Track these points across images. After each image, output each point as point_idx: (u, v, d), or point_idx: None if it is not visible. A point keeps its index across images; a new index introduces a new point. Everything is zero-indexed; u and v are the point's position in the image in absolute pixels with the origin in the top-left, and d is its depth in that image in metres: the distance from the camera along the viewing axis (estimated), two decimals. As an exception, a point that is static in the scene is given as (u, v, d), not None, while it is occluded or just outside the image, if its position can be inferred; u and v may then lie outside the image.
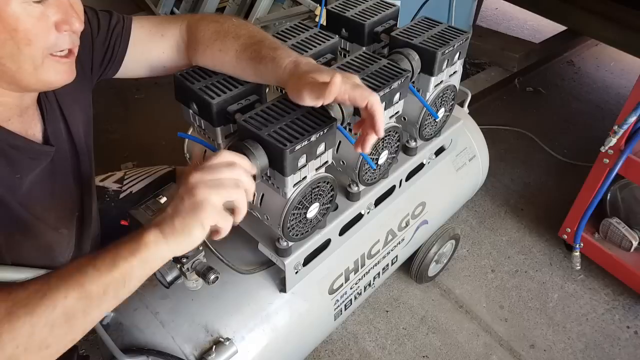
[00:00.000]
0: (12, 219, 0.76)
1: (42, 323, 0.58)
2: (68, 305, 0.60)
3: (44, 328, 0.59)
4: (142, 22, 0.93)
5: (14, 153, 0.75)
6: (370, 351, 1.55)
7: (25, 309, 0.58)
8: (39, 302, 0.59)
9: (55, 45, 0.70)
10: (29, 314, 0.58)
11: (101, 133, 2.30)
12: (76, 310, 0.60)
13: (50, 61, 0.70)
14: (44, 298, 0.59)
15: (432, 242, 1.53)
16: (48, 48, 0.69)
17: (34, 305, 0.58)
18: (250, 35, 0.86)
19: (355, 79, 0.75)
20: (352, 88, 0.72)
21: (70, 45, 0.72)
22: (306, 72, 0.75)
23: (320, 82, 0.72)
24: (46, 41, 0.68)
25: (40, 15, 0.66)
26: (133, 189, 1.20)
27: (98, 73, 0.92)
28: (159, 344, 0.93)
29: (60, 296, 0.59)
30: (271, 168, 0.79)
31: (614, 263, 1.65)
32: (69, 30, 0.69)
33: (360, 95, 0.71)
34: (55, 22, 0.68)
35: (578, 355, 1.55)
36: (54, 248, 0.86)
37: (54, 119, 0.84)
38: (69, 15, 0.69)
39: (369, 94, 0.72)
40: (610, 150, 1.48)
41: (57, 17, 0.68)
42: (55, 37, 0.69)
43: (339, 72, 0.72)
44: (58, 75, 0.73)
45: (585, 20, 2.50)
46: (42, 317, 0.58)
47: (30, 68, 0.69)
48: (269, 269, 1.03)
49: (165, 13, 2.79)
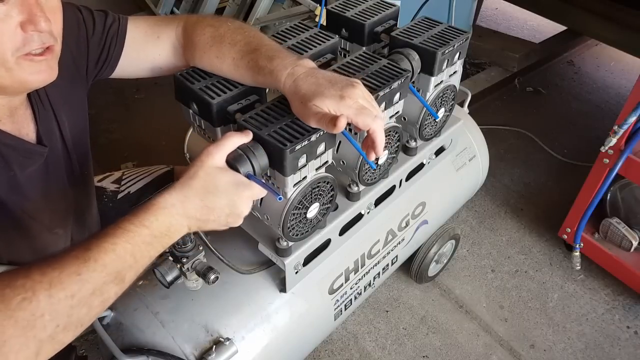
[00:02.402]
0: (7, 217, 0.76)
1: (79, 302, 0.59)
2: (104, 288, 0.61)
3: (83, 308, 0.59)
4: (137, 23, 0.92)
5: (7, 151, 0.75)
6: (370, 351, 1.55)
7: (64, 291, 0.58)
8: (76, 280, 0.59)
9: (25, 46, 0.67)
10: (69, 296, 0.58)
11: (101, 133, 2.30)
12: (108, 289, 0.62)
13: (24, 61, 0.68)
14: (80, 278, 0.59)
15: (432, 242, 1.52)
16: (17, 49, 0.67)
17: (70, 285, 0.59)
18: (246, 42, 0.85)
19: (359, 98, 0.74)
20: (355, 113, 0.72)
21: (40, 44, 0.69)
22: (308, 97, 0.74)
23: (327, 118, 0.72)
24: (13, 42, 0.66)
25: (4, 16, 0.64)
26: (131, 189, 1.20)
27: (93, 73, 0.92)
28: (159, 344, 0.93)
29: (97, 277, 0.60)
30: (271, 168, 0.79)
31: (614, 263, 1.65)
32: (35, 30, 0.67)
33: (362, 123, 0.73)
34: (20, 22, 0.66)
35: (578, 355, 1.55)
36: (49, 249, 0.86)
37: (47, 119, 0.84)
38: (33, 14, 0.66)
39: (372, 122, 0.73)
40: (610, 150, 1.48)
41: (21, 17, 0.65)
42: (23, 37, 0.66)
43: (342, 94, 0.73)
44: (35, 75, 0.71)
45: (585, 20, 2.50)
46: (81, 298, 0.59)
47: (1, 71, 0.67)
48: (269, 269, 1.03)
49: (165, 13, 2.79)
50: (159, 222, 0.66)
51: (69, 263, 0.59)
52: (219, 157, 0.71)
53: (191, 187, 0.69)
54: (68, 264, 0.59)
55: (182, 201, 0.68)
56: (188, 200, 0.68)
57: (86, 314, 0.60)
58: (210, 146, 0.71)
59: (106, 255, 0.61)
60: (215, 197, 0.70)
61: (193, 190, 0.69)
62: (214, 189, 0.69)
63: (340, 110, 0.72)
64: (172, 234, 0.68)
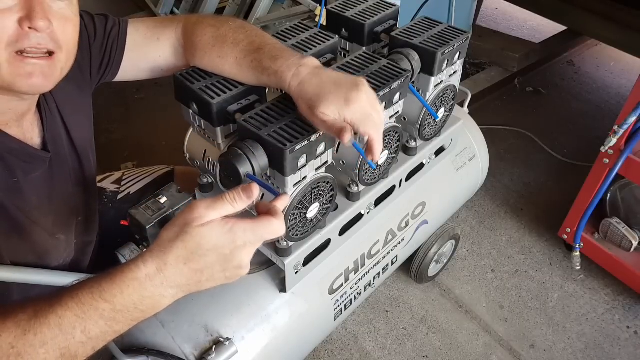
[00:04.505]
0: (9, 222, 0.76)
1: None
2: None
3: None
4: (137, 26, 0.92)
5: (9, 157, 0.75)
6: (370, 351, 1.55)
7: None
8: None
9: (18, 42, 0.65)
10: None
11: (101, 133, 2.30)
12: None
13: (17, 61, 0.66)
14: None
15: (432, 242, 1.52)
16: (9, 44, 0.65)
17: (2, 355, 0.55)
18: (249, 41, 0.84)
19: (363, 102, 0.74)
20: (359, 120, 0.73)
21: (36, 44, 0.66)
22: (314, 102, 0.74)
23: (334, 129, 0.72)
24: (7, 35, 0.64)
25: (5, 9, 0.64)
26: (131, 189, 1.20)
27: (97, 78, 0.92)
28: (159, 344, 0.93)
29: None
30: (271, 168, 0.79)
31: (614, 263, 1.65)
32: (31, 27, 0.65)
33: (364, 130, 0.74)
34: (19, 18, 0.64)
35: (578, 355, 1.55)
36: (49, 253, 0.86)
37: (54, 125, 0.84)
38: (32, 11, 0.64)
39: (374, 131, 0.74)
40: (610, 150, 1.48)
41: (21, 13, 0.64)
42: (18, 33, 0.65)
43: (347, 97, 0.73)
44: (24, 79, 0.67)
45: (585, 20, 2.50)
46: None
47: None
48: (269, 269, 1.03)
49: (165, 13, 2.79)
50: (123, 297, 0.57)
51: (7, 329, 0.55)
52: (205, 213, 0.59)
53: (171, 252, 0.58)
54: (6, 329, 0.55)
55: (161, 269, 0.58)
56: (168, 268, 0.58)
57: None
58: (195, 202, 0.61)
59: (49, 330, 0.55)
60: (202, 257, 0.59)
61: (173, 255, 0.58)
62: (197, 249, 0.58)
63: (344, 115, 0.72)
64: (146, 307, 0.59)
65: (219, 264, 0.60)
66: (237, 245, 0.60)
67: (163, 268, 0.58)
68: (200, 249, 0.59)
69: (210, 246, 0.59)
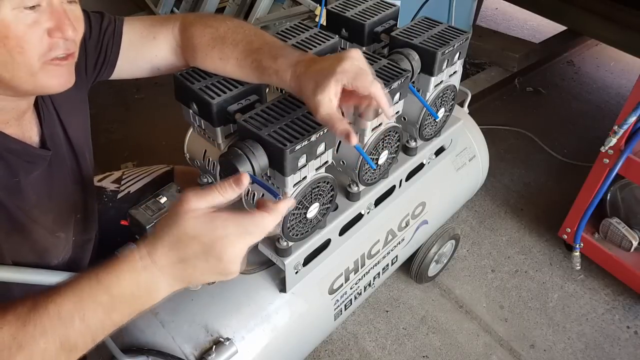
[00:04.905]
0: (10, 221, 0.76)
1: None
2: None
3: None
4: (133, 24, 0.92)
5: (10, 157, 0.75)
6: (370, 351, 1.55)
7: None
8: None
9: (50, 52, 0.68)
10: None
11: (101, 133, 2.30)
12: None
13: (49, 66, 0.69)
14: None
15: (432, 242, 1.52)
16: (42, 55, 0.68)
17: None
18: (248, 41, 0.85)
19: (356, 60, 0.72)
20: (353, 77, 0.71)
21: (65, 50, 0.70)
22: (312, 92, 0.73)
23: (337, 129, 0.71)
24: (39, 48, 0.67)
25: (33, 23, 0.65)
26: (131, 189, 1.20)
27: (93, 75, 0.92)
28: (159, 344, 0.93)
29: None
30: (271, 168, 0.79)
31: (614, 263, 1.65)
32: (62, 37, 0.68)
33: (362, 87, 0.71)
34: (48, 29, 0.67)
35: (578, 355, 1.55)
36: (49, 251, 0.86)
37: (51, 122, 0.84)
38: (61, 22, 0.67)
39: (370, 84, 0.71)
40: (610, 150, 1.48)
41: (49, 24, 0.67)
42: (49, 43, 0.68)
43: (339, 56, 0.72)
44: (56, 80, 0.72)
45: (585, 20, 2.50)
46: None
47: (25, 75, 0.68)
48: (269, 269, 1.03)
49: (165, 13, 2.79)
50: (119, 283, 0.58)
51: (7, 322, 0.56)
52: (195, 202, 0.59)
53: (160, 237, 0.60)
54: (7, 322, 0.56)
55: (150, 253, 0.59)
56: (157, 252, 0.59)
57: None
58: (187, 192, 0.60)
59: (48, 319, 0.56)
60: (186, 246, 0.59)
61: (160, 240, 0.59)
62: (181, 236, 0.59)
63: (337, 78, 0.70)
64: (142, 294, 0.60)
65: (201, 253, 0.59)
66: (217, 235, 0.59)
67: (152, 252, 0.59)
68: (185, 236, 0.59)
69: (193, 234, 0.59)
